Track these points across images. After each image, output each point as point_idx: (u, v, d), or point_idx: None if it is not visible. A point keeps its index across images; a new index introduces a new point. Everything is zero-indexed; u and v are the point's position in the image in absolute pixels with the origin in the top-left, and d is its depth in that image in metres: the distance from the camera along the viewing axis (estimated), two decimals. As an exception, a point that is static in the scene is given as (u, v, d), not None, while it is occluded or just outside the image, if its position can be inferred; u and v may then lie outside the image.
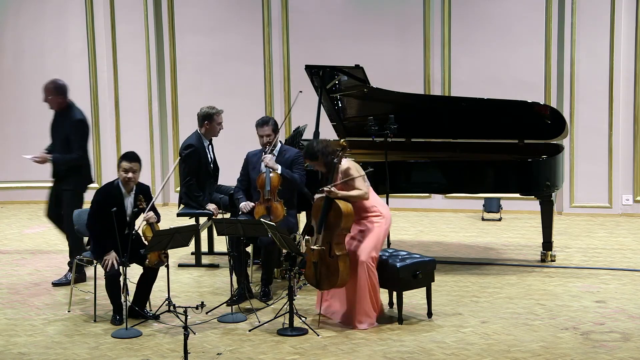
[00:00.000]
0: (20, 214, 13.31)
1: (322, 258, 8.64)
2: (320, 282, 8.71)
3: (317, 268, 8.66)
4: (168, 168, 13.65)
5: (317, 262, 8.65)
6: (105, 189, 8.96)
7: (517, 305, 9.31)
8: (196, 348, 8.25)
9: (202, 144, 10.50)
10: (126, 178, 8.87)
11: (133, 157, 8.92)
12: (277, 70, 13.36)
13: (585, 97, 12.64)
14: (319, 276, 8.68)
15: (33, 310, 9.37)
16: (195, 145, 10.43)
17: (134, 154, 8.96)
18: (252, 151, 9.91)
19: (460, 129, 10.98)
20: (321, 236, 8.67)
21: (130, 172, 8.86)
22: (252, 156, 9.85)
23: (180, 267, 10.66)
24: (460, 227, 12.32)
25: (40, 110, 13.75)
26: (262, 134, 9.72)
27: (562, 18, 12.60)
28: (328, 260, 8.62)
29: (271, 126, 9.71)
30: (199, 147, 10.45)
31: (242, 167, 9.90)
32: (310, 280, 8.83)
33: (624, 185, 12.74)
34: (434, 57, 12.95)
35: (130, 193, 8.93)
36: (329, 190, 8.63)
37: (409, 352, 8.18)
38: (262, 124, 9.75)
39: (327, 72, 10.62)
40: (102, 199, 8.86)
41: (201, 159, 10.43)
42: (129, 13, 13.47)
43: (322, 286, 8.74)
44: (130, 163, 8.87)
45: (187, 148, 10.44)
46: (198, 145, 10.45)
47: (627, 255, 10.96)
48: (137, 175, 8.93)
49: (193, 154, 10.40)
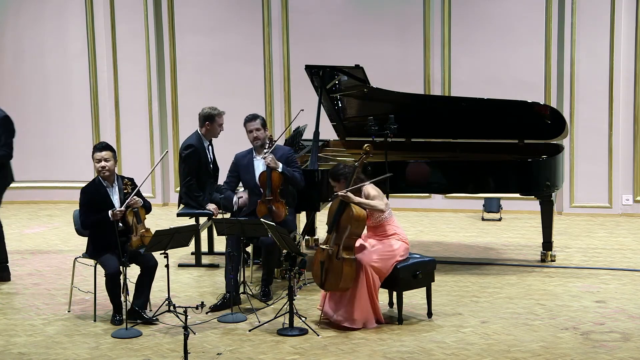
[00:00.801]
0: (20, 214, 13.31)
1: (329, 259, 8.65)
2: (325, 283, 8.72)
3: (323, 268, 8.67)
4: (168, 168, 13.65)
5: (324, 262, 8.66)
6: (89, 188, 8.94)
7: (517, 305, 9.31)
8: (196, 348, 8.25)
9: (202, 144, 10.49)
10: (100, 168, 8.84)
11: (103, 146, 8.89)
12: (277, 70, 13.35)
13: (585, 97, 12.64)
14: (324, 276, 8.68)
15: (33, 310, 9.37)
16: (195, 146, 10.43)
17: (103, 143, 8.99)
18: (241, 153, 9.85)
19: (460, 129, 10.98)
20: (332, 237, 8.70)
21: (102, 161, 8.82)
22: (242, 158, 9.79)
23: (180, 267, 10.66)
24: (460, 227, 12.32)
25: (40, 110, 13.80)
26: (252, 128, 9.67)
27: (562, 18, 12.59)
28: (334, 261, 8.63)
29: (260, 120, 9.68)
30: (199, 147, 10.45)
31: (229, 170, 9.83)
32: (316, 278, 8.82)
33: (624, 185, 12.74)
34: (434, 57, 12.95)
35: (114, 186, 8.90)
36: (344, 195, 8.66)
37: (409, 352, 8.18)
38: (250, 119, 9.71)
39: (327, 72, 10.62)
40: (89, 198, 8.85)
41: (201, 159, 10.43)
42: (129, 13, 13.47)
43: (325, 287, 8.74)
44: (101, 152, 8.83)
45: (187, 148, 10.43)
46: (198, 145, 10.45)
47: (627, 255, 10.96)
48: (112, 164, 8.86)
49: (193, 154, 10.39)
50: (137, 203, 8.78)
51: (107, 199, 8.84)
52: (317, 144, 10.47)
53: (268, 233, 8.95)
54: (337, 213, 8.71)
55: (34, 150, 13.84)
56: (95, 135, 13.70)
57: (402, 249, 8.81)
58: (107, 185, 8.88)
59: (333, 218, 8.73)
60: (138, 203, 8.79)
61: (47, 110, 13.80)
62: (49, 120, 13.79)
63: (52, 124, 13.75)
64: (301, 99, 12.98)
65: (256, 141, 9.69)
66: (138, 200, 8.80)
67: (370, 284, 8.67)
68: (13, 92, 13.73)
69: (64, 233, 12.16)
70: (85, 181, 13.68)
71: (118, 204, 8.84)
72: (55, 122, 13.74)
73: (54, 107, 13.73)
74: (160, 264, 8.90)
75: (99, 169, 8.85)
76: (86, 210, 8.85)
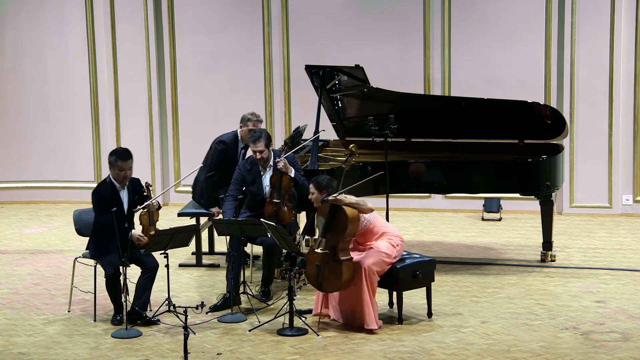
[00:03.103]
0: (20, 214, 13.31)
1: (326, 262, 8.65)
2: (322, 284, 8.71)
3: (319, 270, 8.66)
4: (168, 168, 13.65)
5: (319, 265, 8.66)
6: (101, 189, 8.95)
7: (517, 305, 9.31)
8: (196, 348, 8.25)
9: (236, 145, 10.46)
10: (123, 176, 8.87)
11: (128, 155, 8.92)
12: (277, 70, 13.35)
13: (585, 97, 12.64)
14: (322, 278, 8.68)
15: (33, 310, 9.37)
16: (226, 143, 10.43)
17: (127, 151, 8.96)
18: (245, 165, 9.71)
19: (460, 129, 10.98)
20: (325, 240, 8.69)
21: (127, 170, 8.88)
22: (247, 173, 9.67)
23: (181, 267, 10.66)
24: (460, 227, 12.32)
25: (40, 110, 13.80)
26: (255, 150, 9.62)
27: (562, 18, 12.59)
28: (332, 264, 8.63)
29: (264, 141, 9.54)
30: (231, 146, 10.44)
31: (234, 177, 9.77)
32: (311, 280, 8.83)
33: (624, 185, 12.74)
34: (434, 57, 12.95)
35: (125, 188, 8.94)
36: (335, 198, 8.66)
37: (409, 352, 8.19)
38: (255, 140, 9.55)
39: (327, 72, 10.62)
40: (102, 199, 8.86)
41: (229, 159, 10.38)
42: (129, 13, 13.47)
43: (324, 288, 8.74)
44: (126, 162, 8.88)
45: (218, 144, 10.46)
46: (230, 144, 10.43)
47: (627, 255, 10.96)
48: (132, 171, 8.96)
49: (221, 150, 10.38)
50: (152, 207, 8.87)
51: (117, 200, 8.88)
52: (317, 144, 10.48)
53: (267, 233, 8.95)
54: (330, 217, 8.70)
55: (34, 150, 13.84)
56: (95, 135, 13.70)
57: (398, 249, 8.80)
58: (119, 188, 8.92)
59: (325, 222, 8.73)
60: (154, 206, 8.88)
61: (47, 110, 13.79)
62: (49, 120, 13.78)
63: (52, 124, 13.74)
64: (301, 99, 12.99)
65: (260, 161, 9.64)
66: (155, 203, 8.89)
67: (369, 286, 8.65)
68: (13, 92, 13.74)
69: (64, 233, 12.16)
70: (85, 181, 13.87)
71: (126, 205, 8.92)
72: (55, 122, 13.74)
73: (54, 107, 13.73)
74: (160, 264, 8.90)
75: (122, 177, 8.88)
76: (102, 211, 8.83)
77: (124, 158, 8.89)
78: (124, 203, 8.93)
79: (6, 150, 13.84)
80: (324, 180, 8.85)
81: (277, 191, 9.50)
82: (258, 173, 9.65)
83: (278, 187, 9.50)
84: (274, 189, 9.51)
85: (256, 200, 9.63)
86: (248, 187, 9.66)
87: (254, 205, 9.66)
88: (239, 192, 9.67)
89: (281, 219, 9.46)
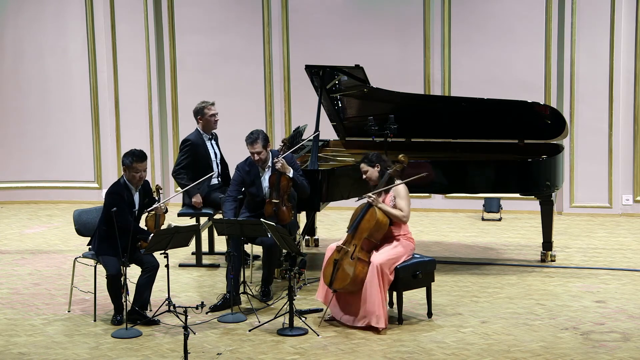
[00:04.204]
0: (20, 214, 13.31)
1: (344, 257, 8.65)
2: (333, 280, 8.70)
3: (335, 265, 8.67)
4: (168, 169, 13.65)
5: (337, 260, 8.66)
6: (117, 190, 8.96)
7: (517, 305, 9.31)
8: (196, 348, 8.25)
9: (202, 139, 10.64)
10: (138, 178, 8.92)
11: (143, 156, 8.98)
12: (277, 70, 13.35)
13: (585, 97, 12.64)
14: (335, 274, 8.68)
15: (33, 310, 9.37)
16: (192, 140, 10.63)
17: (142, 153, 9.00)
18: (244, 167, 9.71)
19: (460, 129, 10.98)
20: (351, 237, 8.71)
21: (142, 172, 8.95)
22: (246, 174, 9.68)
23: (181, 267, 10.66)
24: (460, 227, 12.32)
25: (40, 110, 13.80)
26: (252, 151, 9.61)
27: (562, 18, 12.59)
28: (348, 260, 8.64)
29: (261, 142, 9.53)
30: (197, 142, 10.62)
31: (233, 178, 9.77)
32: (326, 279, 8.78)
33: (624, 185, 12.74)
34: (434, 57, 12.95)
35: (138, 189, 9.00)
36: (373, 198, 8.68)
37: (409, 352, 8.18)
38: (251, 142, 9.54)
39: (327, 72, 10.62)
40: (117, 199, 8.86)
41: (198, 154, 10.55)
42: (129, 13, 13.47)
43: (334, 284, 8.72)
44: (142, 163, 8.94)
45: (183, 142, 10.70)
46: (196, 140, 10.63)
47: (627, 255, 10.96)
48: (146, 173, 9.05)
49: (188, 148, 10.58)
50: (160, 210, 8.92)
51: (130, 201, 8.95)
52: (317, 144, 10.47)
53: (267, 233, 8.95)
54: (361, 215, 8.73)
55: (34, 150, 13.84)
56: (95, 135, 13.70)
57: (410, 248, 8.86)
58: (132, 189, 8.96)
59: (356, 219, 8.77)
60: (162, 209, 8.93)
61: (47, 110, 13.79)
62: (49, 120, 13.78)
63: (52, 124, 13.74)
64: (301, 99, 12.98)
65: (259, 162, 9.64)
66: (162, 207, 8.94)
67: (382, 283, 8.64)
68: (13, 92, 13.74)
69: (64, 233, 12.16)
70: (85, 181, 13.88)
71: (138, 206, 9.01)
72: (55, 122, 13.74)
73: (54, 107, 13.73)
74: (160, 264, 8.90)
75: (137, 179, 8.93)
76: (122, 212, 8.82)
77: (140, 159, 8.92)
78: (136, 204, 8.99)
79: (6, 150, 13.84)
80: (373, 155, 8.89)
81: (276, 191, 9.50)
82: (257, 174, 9.65)
83: (277, 187, 9.50)
84: (272, 189, 9.52)
85: (256, 201, 9.64)
86: (247, 188, 9.66)
87: (254, 205, 9.66)
88: (238, 193, 9.68)
89: (281, 219, 9.46)
